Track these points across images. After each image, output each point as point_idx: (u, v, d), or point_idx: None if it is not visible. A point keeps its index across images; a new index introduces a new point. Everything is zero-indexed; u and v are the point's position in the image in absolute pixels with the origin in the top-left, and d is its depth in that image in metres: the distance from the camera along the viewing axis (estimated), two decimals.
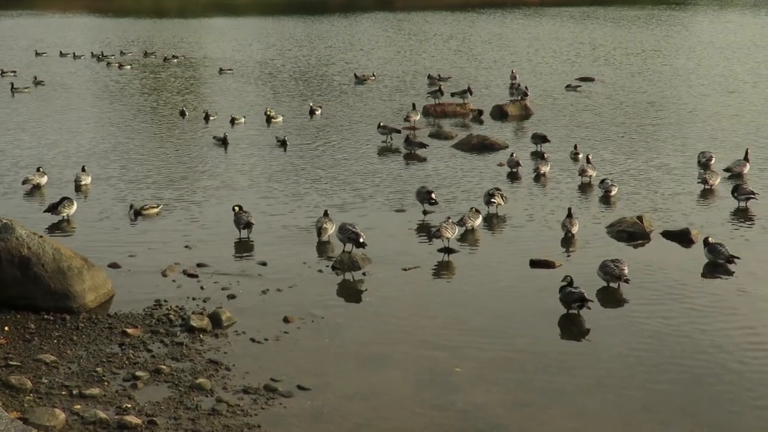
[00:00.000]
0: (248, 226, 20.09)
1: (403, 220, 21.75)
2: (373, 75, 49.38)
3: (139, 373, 13.02)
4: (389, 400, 12.58)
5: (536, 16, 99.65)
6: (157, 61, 59.36)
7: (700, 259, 18.34)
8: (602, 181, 23.94)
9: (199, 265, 18.06)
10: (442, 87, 40.76)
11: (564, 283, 15.76)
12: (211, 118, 35.94)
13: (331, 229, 19.66)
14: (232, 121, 35.05)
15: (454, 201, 23.25)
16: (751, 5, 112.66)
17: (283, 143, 30.44)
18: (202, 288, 16.81)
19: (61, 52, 63.92)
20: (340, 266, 17.74)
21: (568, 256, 19.09)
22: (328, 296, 16.65)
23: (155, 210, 21.86)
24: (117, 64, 57.00)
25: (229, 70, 53.05)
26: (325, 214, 20.24)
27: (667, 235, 20.19)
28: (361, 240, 18.24)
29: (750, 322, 15.21)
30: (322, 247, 19.50)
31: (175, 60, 59.43)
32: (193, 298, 16.25)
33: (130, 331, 14.60)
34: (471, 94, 39.44)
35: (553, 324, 15.34)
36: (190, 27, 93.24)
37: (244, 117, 35.82)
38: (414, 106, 36.39)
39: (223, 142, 30.49)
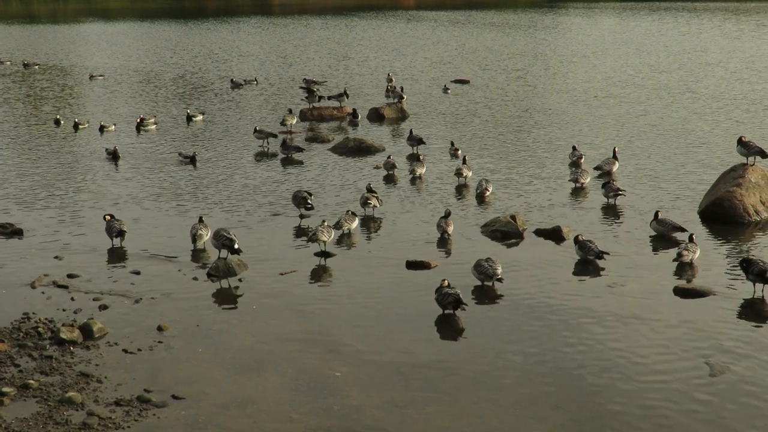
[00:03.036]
0: (121, 234, 19.67)
1: (280, 224, 21.64)
2: (256, 80, 49.00)
3: (5, 389, 12.58)
4: (266, 407, 12.48)
5: (413, 20, 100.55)
6: (15, 68, 57.30)
7: (571, 256, 18.76)
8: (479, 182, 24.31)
9: (69, 276, 17.60)
10: (318, 91, 40.75)
11: (440, 285, 15.90)
12: (80, 126, 34.99)
13: (206, 235, 19.42)
14: (102, 129, 34.21)
15: (330, 204, 23.25)
16: (630, 8, 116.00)
17: (192, 159, 28.63)
18: (72, 299, 16.39)
19: None
20: (216, 273, 17.52)
21: (444, 256, 19.28)
22: (204, 304, 16.43)
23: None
24: None
25: (100, 76, 51.90)
26: (200, 220, 19.98)
27: (540, 233, 20.59)
28: (236, 246, 18.07)
29: (618, 317, 15.58)
30: (197, 254, 19.25)
31: (36, 66, 57.59)
32: (63, 310, 15.83)
33: None
34: (347, 97, 39.53)
35: (429, 324, 15.44)
36: (61, 32, 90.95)
37: (115, 125, 35.02)
38: (290, 110, 36.30)
39: (114, 155, 29.12)
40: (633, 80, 48.18)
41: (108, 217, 20.08)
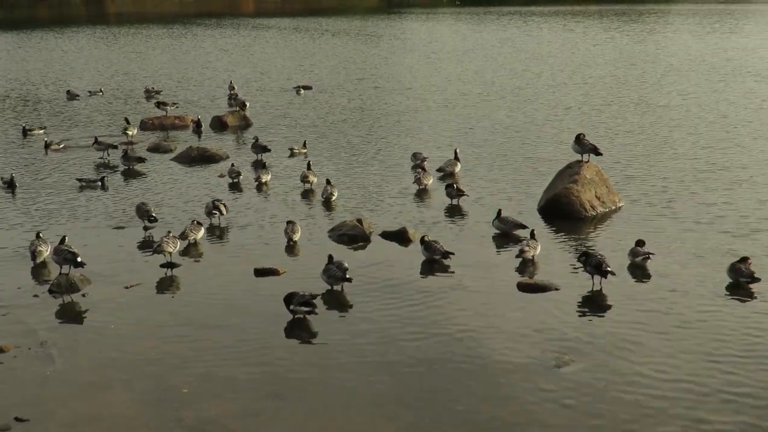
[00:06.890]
0: None
1: (123, 236, 21.19)
2: (101, 90, 47.69)
3: None
4: (115, 424, 12.23)
5: (255, 27, 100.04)
6: None
7: (417, 256, 19.02)
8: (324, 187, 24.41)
9: None
10: (160, 100, 40.12)
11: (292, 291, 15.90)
12: None
13: (46, 251, 18.84)
14: None
15: (175, 214, 22.91)
16: (474, 13, 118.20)
17: (10, 183, 26.52)
18: None
19: None
20: (58, 289, 17.05)
21: (293, 262, 19.27)
22: (47, 321, 15.95)
23: None
24: None
25: None
26: (38, 236, 19.35)
27: (386, 235, 20.83)
28: (79, 260, 17.60)
29: (465, 314, 15.92)
30: (38, 271, 18.66)
31: None
32: None
33: None
34: (169, 105, 39.02)
35: (280, 331, 15.42)
36: None
37: None
38: (127, 119, 35.48)
39: (10, 184, 26.43)
40: (475, 85, 49.08)
41: None
